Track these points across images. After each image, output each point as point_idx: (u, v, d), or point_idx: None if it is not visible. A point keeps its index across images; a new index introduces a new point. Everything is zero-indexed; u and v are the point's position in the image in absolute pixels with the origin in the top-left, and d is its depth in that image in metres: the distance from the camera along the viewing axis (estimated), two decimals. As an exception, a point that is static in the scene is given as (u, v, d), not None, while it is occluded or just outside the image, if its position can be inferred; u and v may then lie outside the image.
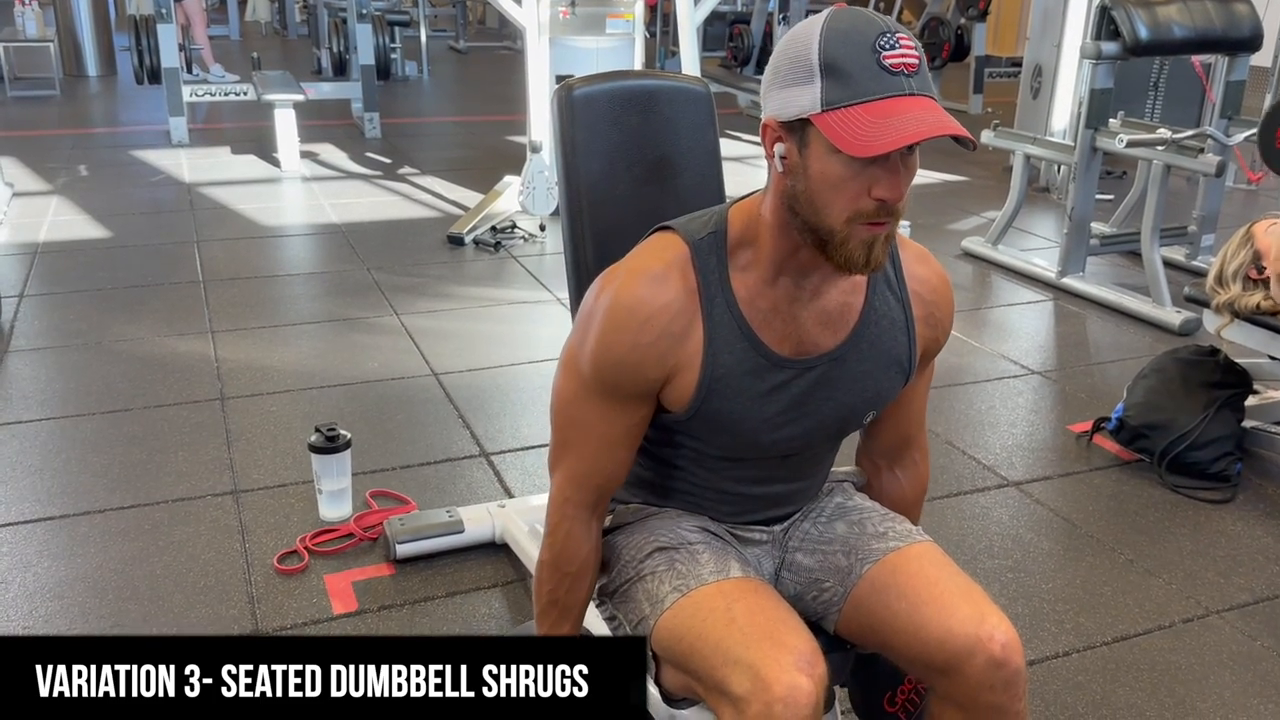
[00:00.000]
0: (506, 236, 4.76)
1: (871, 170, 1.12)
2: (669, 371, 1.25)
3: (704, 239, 1.26)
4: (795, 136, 1.15)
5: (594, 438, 1.30)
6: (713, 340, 1.25)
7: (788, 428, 1.31)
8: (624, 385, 1.26)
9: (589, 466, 1.32)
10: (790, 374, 1.28)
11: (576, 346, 1.29)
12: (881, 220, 1.15)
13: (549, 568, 1.37)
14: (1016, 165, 4.56)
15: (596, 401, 1.28)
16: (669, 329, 1.23)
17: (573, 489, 1.33)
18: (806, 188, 1.15)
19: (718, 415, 1.28)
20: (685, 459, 1.38)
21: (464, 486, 2.66)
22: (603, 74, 1.67)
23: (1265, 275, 2.78)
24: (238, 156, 6.37)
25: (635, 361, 1.24)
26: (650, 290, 1.23)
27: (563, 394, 1.32)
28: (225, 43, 12.26)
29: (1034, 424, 3.13)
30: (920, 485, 1.55)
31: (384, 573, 2.30)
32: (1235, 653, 2.13)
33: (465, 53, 12.20)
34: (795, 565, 1.44)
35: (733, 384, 1.26)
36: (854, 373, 1.31)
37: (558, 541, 1.35)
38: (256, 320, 3.73)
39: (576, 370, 1.29)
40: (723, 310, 1.25)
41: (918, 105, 1.10)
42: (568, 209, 1.65)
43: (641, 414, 1.30)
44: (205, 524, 2.47)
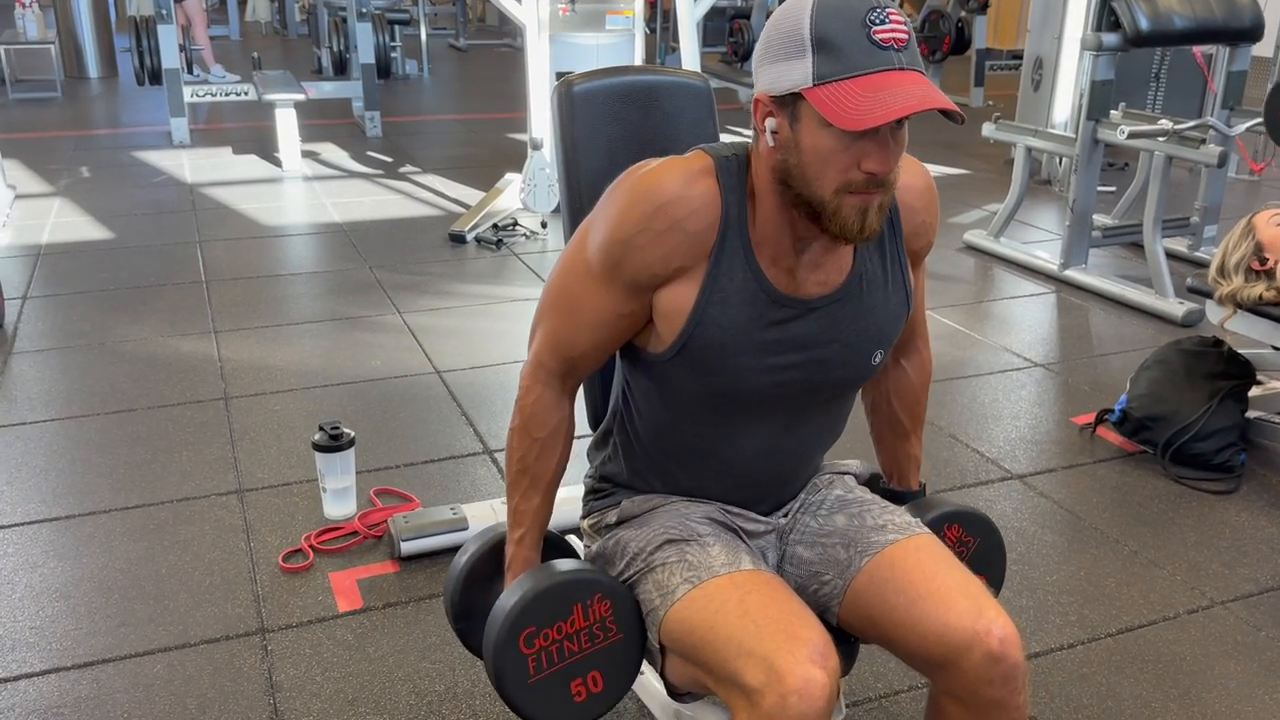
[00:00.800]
0: (508, 234, 4.76)
1: (861, 144, 1.13)
2: (672, 271, 1.25)
3: (729, 159, 1.26)
4: (787, 111, 1.16)
5: (581, 311, 1.31)
6: (719, 260, 1.24)
7: (788, 371, 1.30)
8: (625, 268, 1.25)
9: (567, 337, 1.33)
10: (791, 312, 1.27)
11: (590, 221, 1.30)
12: (871, 190, 1.16)
13: (519, 434, 1.38)
14: (1018, 158, 4.55)
15: (594, 277, 1.28)
16: (684, 224, 1.23)
17: (547, 354, 1.35)
18: (798, 161, 1.16)
19: (708, 347, 1.26)
20: (684, 420, 1.36)
21: (468, 484, 2.67)
22: (603, 70, 1.67)
23: (1268, 266, 2.77)
24: (239, 157, 6.38)
25: (642, 245, 1.23)
26: (675, 180, 1.24)
27: (564, 263, 1.33)
28: (225, 43, 12.28)
29: (1037, 417, 3.13)
30: (925, 372, 1.57)
31: (389, 570, 2.30)
32: (1240, 643, 2.13)
33: (466, 51, 12.20)
34: (795, 558, 1.44)
35: (729, 311, 1.25)
36: (857, 311, 1.31)
37: (527, 406, 1.36)
38: (259, 320, 3.73)
39: (583, 243, 1.30)
40: (735, 234, 1.25)
41: (908, 79, 1.11)
42: (569, 205, 1.65)
43: (632, 308, 1.29)
44: (210, 523, 2.47)
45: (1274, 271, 2.76)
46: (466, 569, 1.47)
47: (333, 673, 1.99)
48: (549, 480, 1.40)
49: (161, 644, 2.06)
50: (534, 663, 1.28)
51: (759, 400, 1.33)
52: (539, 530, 1.41)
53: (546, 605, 1.28)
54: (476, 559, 1.47)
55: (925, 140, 7.06)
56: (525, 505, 1.39)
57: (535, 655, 1.28)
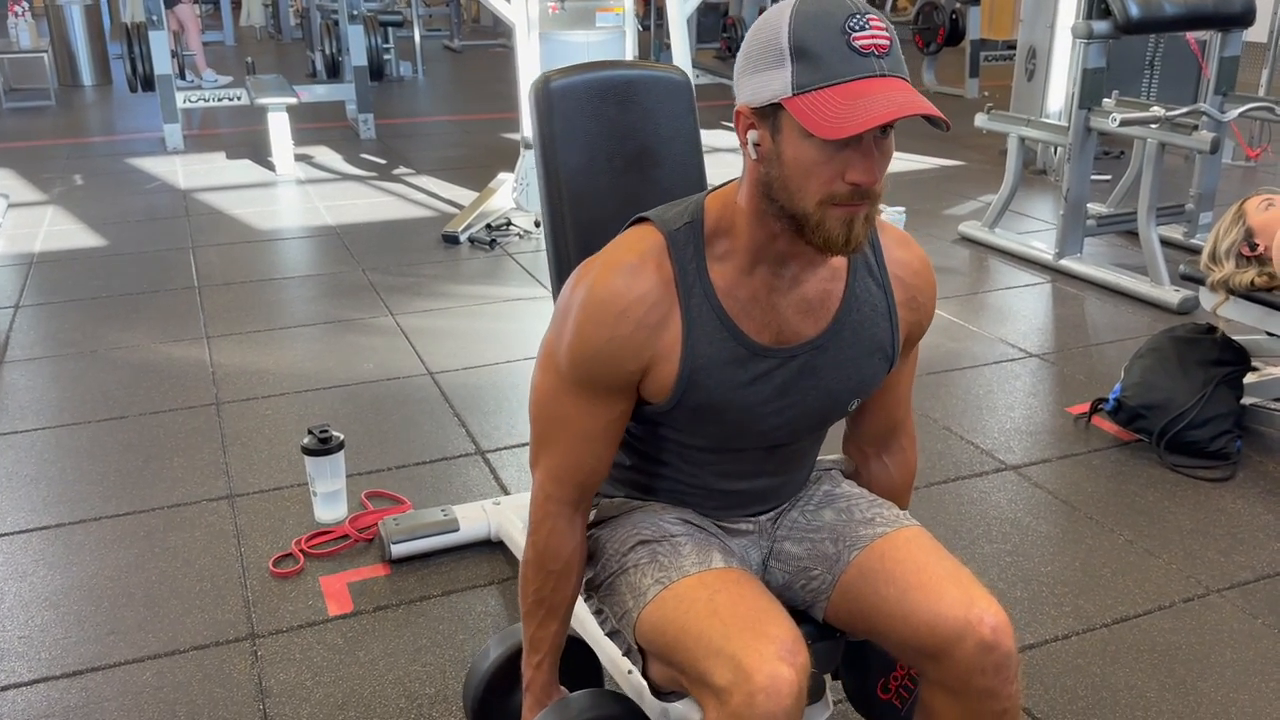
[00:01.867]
0: (501, 234, 4.75)
1: (845, 154, 1.11)
2: (646, 363, 1.24)
3: (680, 229, 1.25)
4: (768, 122, 1.14)
5: (573, 433, 1.29)
6: (691, 331, 1.24)
7: (772, 417, 1.30)
8: (602, 378, 1.25)
9: (570, 462, 1.31)
10: (772, 363, 1.27)
11: (553, 341, 1.28)
12: (856, 202, 1.14)
13: (533, 566, 1.36)
14: (1011, 148, 4.54)
15: (575, 396, 1.27)
16: (645, 320, 1.22)
17: (554, 485, 1.33)
18: (781, 173, 1.14)
19: (700, 406, 1.27)
20: (670, 453, 1.37)
21: (460, 485, 2.66)
22: (580, 65, 1.66)
23: (1259, 252, 2.76)
24: (233, 161, 6.37)
25: (612, 354, 1.23)
26: (625, 282, 1.22)
27: (541, 390, 1.31)
28: (220, 48, 12.28)
29: (1032, 407, 3.11)
30: (909, 472, 1.54)
31: (380, 573, 2.29)
32: (1236, 631, 2.12)
33: (460, 51, 12.19)
34: (783, 554, 1.43)
35: (714, 374, 1.25)
36: (837, 360, 1.30)
37: (541, 540, 1.35)
38: (251, 324, 3.73)
39: (554, 365, 1.28)
40: (701, 300, 1.24)
41: (889, 86, 1.09)
42: (548, 202, 1.64)
43: (621, 408, 1.29)
44: (201, 529, 2.47)
45: (1265, 256, 2.75)
46: (487, 677, 1.53)
47: (323, 677, 1.98)
48: (566, 607, 1.39)
49: (151, 651, 2.05)
50: None
51: (744, 441, 1.33)
52: (556, 654, 1.42)
53: None
54: (497, 667, 1.53)
55: (921, 133, 7.02)
56: (542, 633, 1.39)
57: None
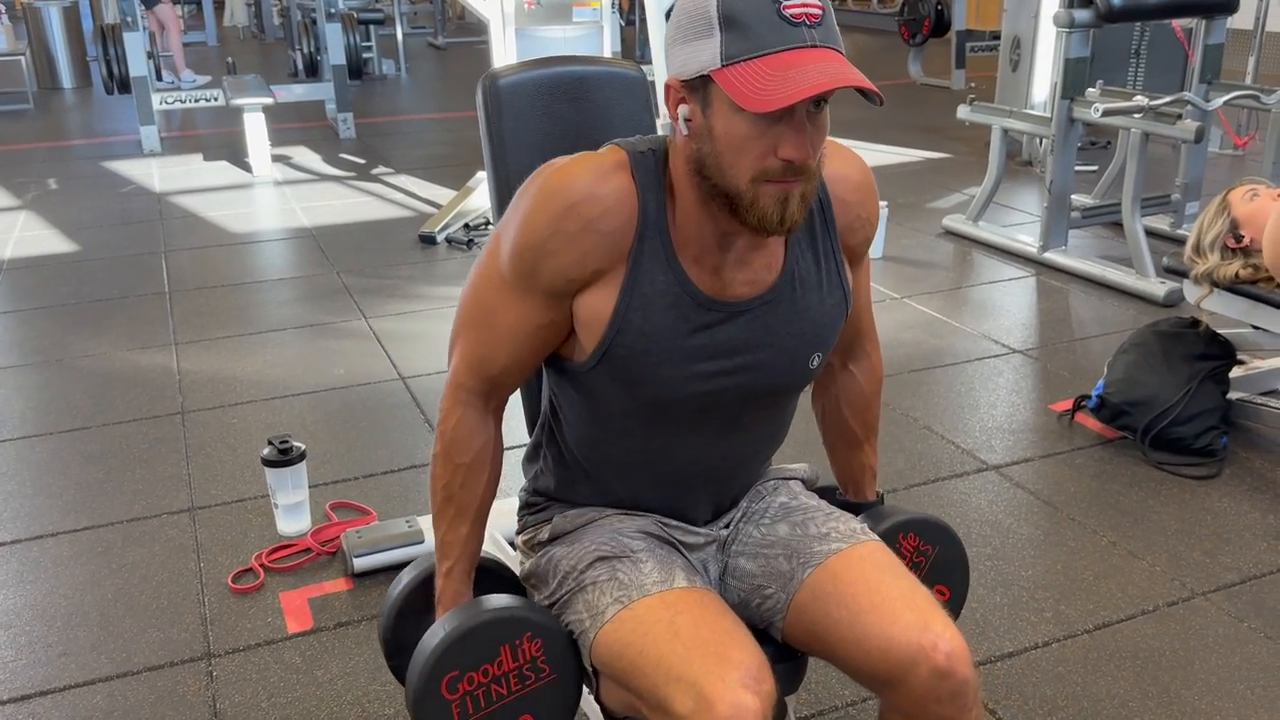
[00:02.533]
0: (479, 234, 4.68)
1: (777, 128, 1.05)
2: (589, 277, 1.17)
3: (645, 153, 1.18)
4: (698, 95, 1.09)
5: (497, 325, 1.23)
6: (638, 261, 1.17)
7: (718, 378, 1.22)
8: (539, 275, 1.18)
9: (486, 353, 1.25)
10: (717, 316, 1.20)
11: (500, 226, 1.23)
12: (790, 179, 1.08)
13: (441, 460, 1.29)
14: (994, 140, 4.48)
15: (507, 289, 1.21)
16: (597, 224, 1.15)
17: (466, 373, 1.27)
18: (712, 149, 1.08)
19: (631, 356, 1.19)
20: (613, 431, 1.28)
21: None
22: (529, 61, 1.59)
23: (1243, 244, 2.70)
24: (210, 163, 6.29)
25: (554, 249, 1.15)
26: (586, 178, 1.16)
27: (477, 272, 1.25)
28: (203, 48, 12.18)
29: (1014, 404, 3.05)
30: (876, 377, 1.48)
31: (342, 588, 2.23)
32: (1221, 636, 2.06)
33: (444, 49, 12.10)
34: (738, 570, 1.36)
35: (651, 318, 1.18)
36: (790, 314, 1.23)
37: (448, 429, 1.28)
38: (221, 330, 3.65)
39: (495, 250, 1.22)
40: (654, 232, 1.17)
41: (821, 57, 1.03)
42: (498, 207, 1.57)
43: (551, 317, 1.21)
44: (160, 544, 2.40)
45: (1250, 248, 2.69)
46: (398, 602, 1.39)
47: (279, 698, 1.91)
48: (477, 508, 1.31)
49: (103, 673, 1.98)
50: (459, 709, 1.20)
51: (688, 409, 1.25)
52: (469, 560, 1.33)
53: (470, 647, 1.20)
54: (409, 591, 1.39)
55: (905, 124, 6.98)
56: (452, 535, 1.31)
57: (459, 701, 1.20)
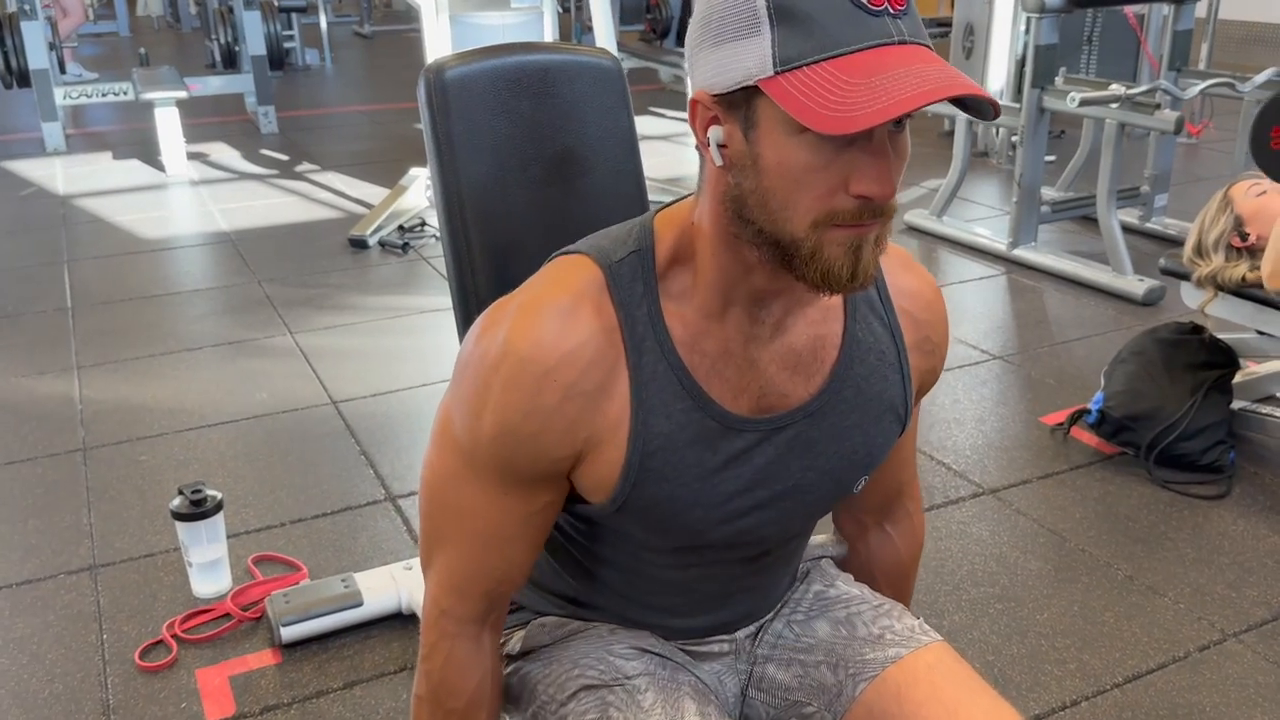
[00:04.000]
0: (415, 236, 4.36)
1: (849, 155, 0.77)
2: (581, 446, 0.90)
3: (624, 261, 0.90)
4: (738, 114, 0.80)
5: (479, 531, 0.95)
6: (642, 399, 0.90)
7: (754, 513, 0.96)
8: (518, 465, 0.91)
9: (473, 569, 0.97)
10: (752, 438, 0.93)
11: (452, 410, 0.93)
12: (865, 222, 0.80)
13: (427, 705, 1.02)
14: (958, 131, 4.27)
15: (480, 485, 0.93)
16: (579, 385, 0.88)
17: (452, 598, 0.98)
18: (758, 185, 0.80)
19: (655, 504, 0.93)
20: (615, 558, 1.03)
21: (366, 541, 2.29)
22: (482, 49, 1.31)
23: (1249, 243, 2.51)
24: (119, 162, 5.85)
25: (533, 432, 0.88)
26: (554, 331, 0.87)
27: (436, 471, 0.96)
28: (114, 39, 11.58)
29: (1003, 418, 2.84)
30: (916, 541, 1.23)
31: (268, 662, 1.92)
32: (1262, 685, 1.85)
33: (371, 37, 11.66)
34: (767, 681, 1.10)
35: (673, 459, 0.91)
36: (838, 429, 0.97)
37: (435, 669, 1.00)
38: (130, 350, 3.29)
39: (453, 440, 0.93)
40: (655, 356, 0.90)
41: (910, 56, 0.76)
42: (448, 224, 1.29)
43: (545, 500, 0.94)
44: (55, 612, 2.07)
45: (1257, 248, 2.50)
46: None
47: (194, 809, 1.61)
48: None
49: (-20, 783, 1.67)
50: None
51: (718, 545, 0.99)
52: None
53: None
54: None
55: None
56: None
57: None
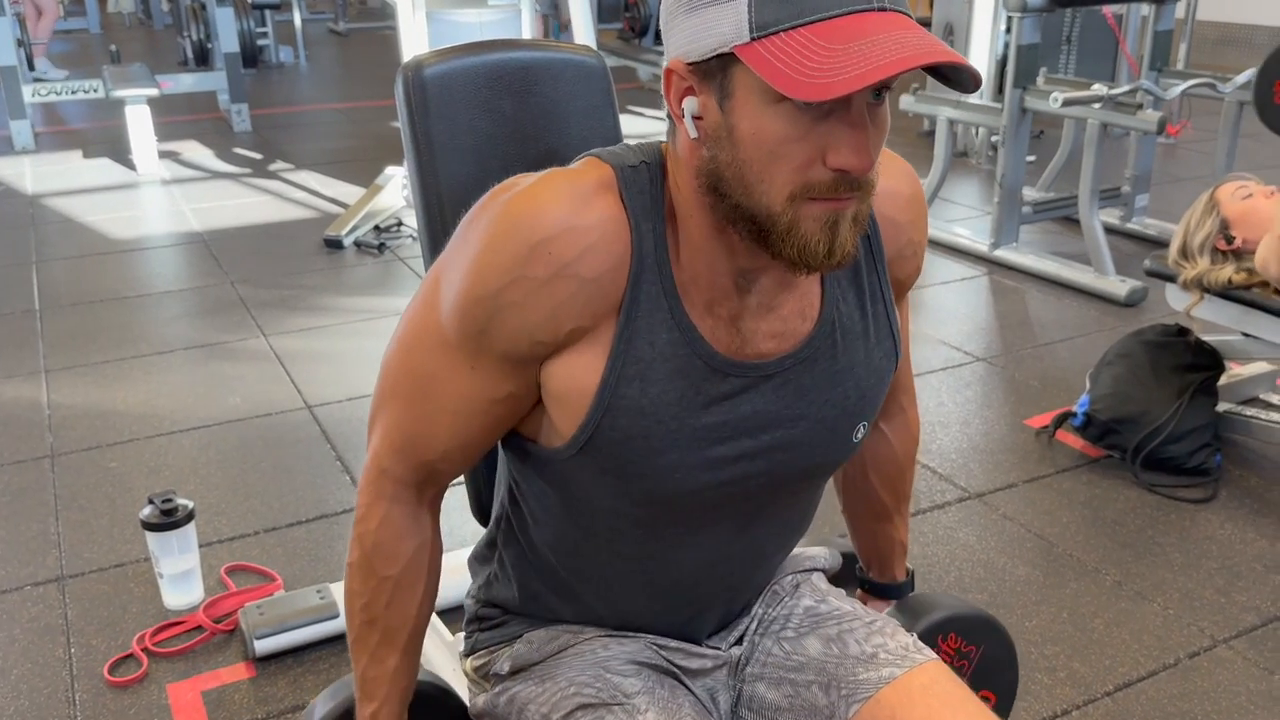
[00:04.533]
0: (392, 236, 4.29)
1: (826, 126, 0.75)
2: (561, 339, 0.86)
3: (636, 168, 0.87)
4: (713, 83, 0.77)
5: (436, 395, 0.91)
6: (631, 317, 0.85)
7: (740, 464, 0.92)
8: (494, 335, 0.86)
9: (419, 431, 0.93)
10: (738, 383, 0.90)
11: (440, 264, 0.90)
12: (843, 196, 0.77)
13: (359, 571, 0.98)
14: (939, 131, 4.25)
15: (450, 348, 0.88)
16: (574, 267, 0.83)
17: (392, 457, 0.94)
18: (734, 157, 0.77)
19: (626, 440, 0.88)
20: (596, 532, 0.98)
21: (342, 550, 2.23)
22: (462, 46, 1.27)
23: (1235, 246, 2.49)
24: (90, 161, 5.75)
25: (515, 301, 0.84)
26: (558, 204, 0.84)
27: (408, 326, 0.92)
28: (85, 36, 11.42)
29: (988, 420, 2.81)
30: (911, 436, 1.20)
31: (241, 676, 1.87)
32: (1255, 692, 1.83)
33: (346, 35, 11.55)
34: (756, 701, 1.06)
35: (651, 391, 0.87)
36: (829, 374, 0.93)
37: (369, 533, 0.96)
38: (99, 354, 3.22)
39: (432, 295, 0.90)
40: (653, 276, 0.86)
41: (889, 22, 0.73)
42: (427, 227, 1.25)
43: (509, 389, 0.89)
44: (21, 625, 2.01)
45: (1242, 250, 2.48)
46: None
47: (164, 832, 1.56)
48: (409, 633, 0.99)
49: (-60, 806, 1.61)
50: None
51: (699, 505, 0.94)
52: (400, 700, 1.01)
53: None
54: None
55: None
56: (377, 670, 0.99)
57: None
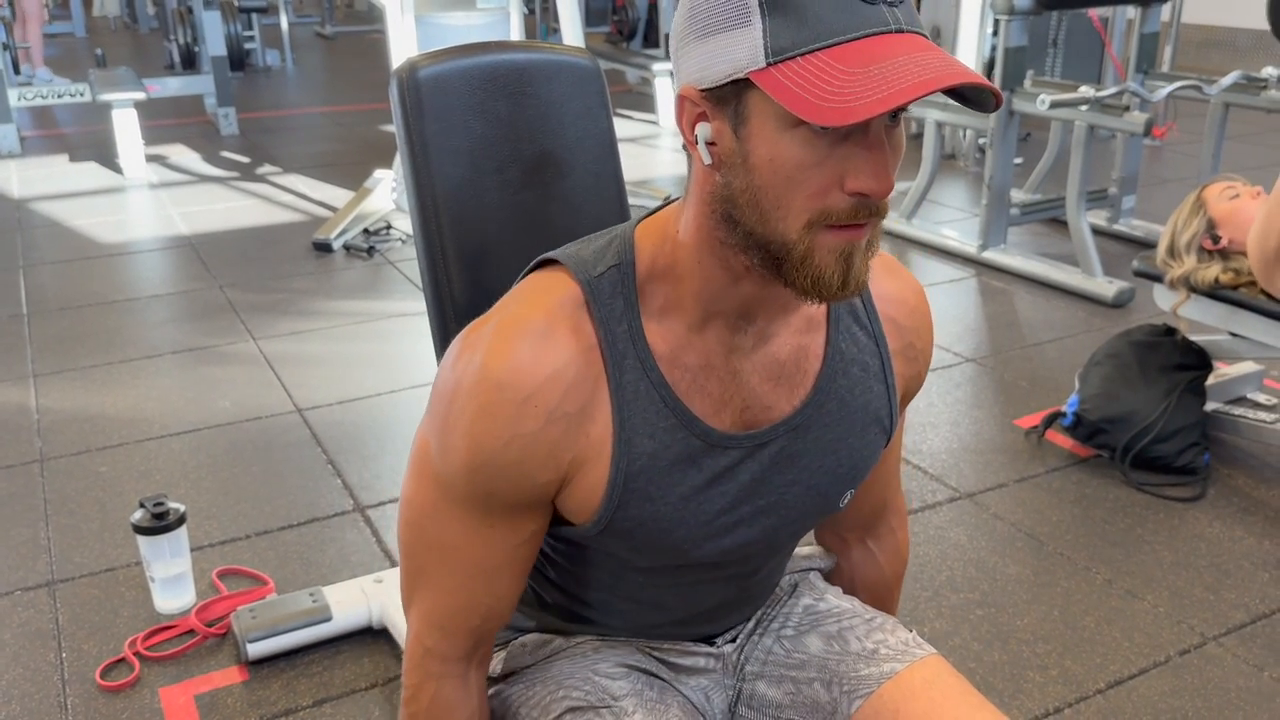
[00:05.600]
0: (381, 239, 4.29)
1: (844, 150, 0.75)
2: (565, 470, 0.87)
3: (603, 275, 0.87)
4: (728, 109, 0.77)
5: (463, 566, 0.91)
6: (625, 418, 0.87)
7: (740, 529, 0.94)
8: (501, 494, 0.87)
9: (458, 605, 0.93)
10: (736, 455, 0.91)
11: (430, 440, 0.89)
12: (859, 222, 0.77)
13: None
14: (927, 133, 4.27)
15: (463, 518, 0.89)
16: (560, 408, 0.85)
17: (437, 636, 0.94)
18: (749, 184, 0.77)
19: (639, 525, 0.90)
20: (598, 576, 1.00)
21: (334, 553, 2.23)
22: (456, 48, 1.27)
23: (1221, 245, 2.51)
24: (77, 165, 5.72)
25: (514, 460, 0.85)
26: (531, 354, 0.84)
27: (415, 505, 0.92)
28: (70, 40, 11.37)
29: (978, 420, 2.83)
30: (900, 558, 1.20)
31: (234, 680, 1.86)
32: (1244, 689, 1.85)
33: (333, 38, 11.53)
34: (756, 699, 1.07)
35: (657, 479, 0.88)
36: (822, 443, 0.94)
37: (421, 711, 0.96)
38: (88, 358, 3.21)
39: (431, 472, 0.90)
40: (636, 375, 0.86)
41: (908, 44, 0.73)
42: (422, 230, 1.24)
43: (530, 529, 0.91)
44: (12, 630, 2.00)
45: (1229, 250, 2.50)
46: None
47: (158, 836, 1.56)
48: None
49: (-68, 813, 1.60)
50: None
51: (702, 565, 0.97)
52: None
53: None
54: None
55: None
56: None
57: None
